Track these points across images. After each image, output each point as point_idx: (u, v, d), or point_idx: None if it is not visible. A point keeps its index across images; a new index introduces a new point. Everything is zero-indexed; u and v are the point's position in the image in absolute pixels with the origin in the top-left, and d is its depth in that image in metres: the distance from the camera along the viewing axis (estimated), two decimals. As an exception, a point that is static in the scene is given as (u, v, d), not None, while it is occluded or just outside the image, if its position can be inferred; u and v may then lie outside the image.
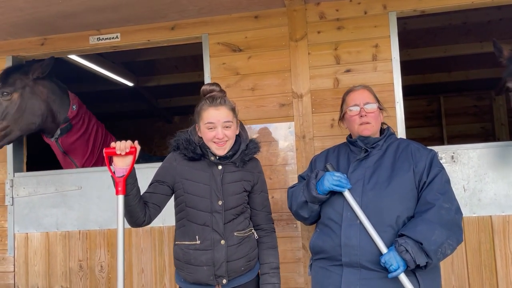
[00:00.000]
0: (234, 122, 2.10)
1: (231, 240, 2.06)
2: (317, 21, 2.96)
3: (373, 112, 2.11)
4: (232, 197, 2.08)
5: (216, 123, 2.04)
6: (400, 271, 1.82)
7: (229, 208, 2.08)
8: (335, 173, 2.01)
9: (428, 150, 2.08)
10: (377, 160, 2.06)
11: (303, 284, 2.83)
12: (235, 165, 2.12)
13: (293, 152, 2.92)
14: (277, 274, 2.15)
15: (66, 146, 3.33)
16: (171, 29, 3.15)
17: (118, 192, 1.92)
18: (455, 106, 7.13)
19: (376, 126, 2.13)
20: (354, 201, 1.96)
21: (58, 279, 3.14)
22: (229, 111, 2.08)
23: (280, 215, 2.90)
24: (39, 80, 3.14)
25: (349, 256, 1.94)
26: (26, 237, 3.19)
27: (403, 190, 1.96)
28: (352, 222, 1.96)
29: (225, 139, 2.05)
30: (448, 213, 1.89)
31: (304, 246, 2.85)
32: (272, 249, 2.18)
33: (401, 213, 1.94)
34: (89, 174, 3.17)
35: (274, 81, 2.98)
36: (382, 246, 1.88)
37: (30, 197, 3.20)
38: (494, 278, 2.65)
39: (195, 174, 2.09)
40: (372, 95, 2.17)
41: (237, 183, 2.10)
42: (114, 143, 1.95)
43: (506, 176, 2.67)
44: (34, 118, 3.11)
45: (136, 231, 3.06)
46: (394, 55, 2.85)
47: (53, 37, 3.28)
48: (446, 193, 1.94)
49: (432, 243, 1.82)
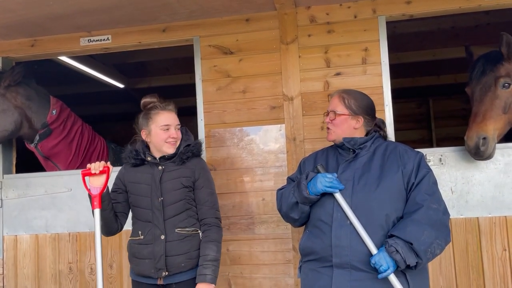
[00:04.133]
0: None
1: (171, 236, 2.24)
2: (308, 24, 2.99)
3: (333, 119, 2.15)
4: (170, 194, 2.27)
5: (171, 125, 2.32)
6: (390, 271, 1.84)
7: (168, 204, 2.26)
8: (327, 174, 2.02)
9: (415, 152, 2.11)
10: (366, 162, 2.09)
11: (293, 286, 2.85)
12: (174, 164, 2.32)
13: (283, 154, 2.94)
14: (210, 266, 2.20)
15: (47, 150, 3.33)
16: (162, 31, 3.16)
17: (94, 206, 2.21)
18: (444, 109, 7.20)
19: (338, 131, 2.15)
20: (344, 202, 1.98)
21: (47, 282, 3.12)
22: (176, 115, 2.38)
23: (270, 216, 2.91)
24: (11, 87, 3.12)
25: (339, 257, 1.95)
26: (15, 239, 3.17)
27: (392, 191, 1.99)
28: (343, 222, 1.97)
29: (177, 139, 2.34)
30: (436, 214, 1.92)
31: (294, 247, 2.87)
32: (210, 242, 2.24)
33: (390, 213, 1.96)
34: (79, 176, 3.12)
35: (265, 83, 3.00)
36: (372, 247, 1.90)
37: (19, 199, 3.18)
38: (481, 278, 2.69)
39: (138, 177, 2.35)
40: (342, 104, 2.15)
41: (175, 180, 2.29)
42: (89, 164, 2.27)
43: (493, 179, 2.72)
44: (7, 125, 3.10)
45: (127, 233, 3.00)
46: (383, 58, 2.89)
47: (43, 39, 3.27)
48: (433, 194, 1.97)
49: (422, 243, 1.84)
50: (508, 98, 2.61)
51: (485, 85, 2.64)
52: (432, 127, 7.24)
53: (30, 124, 3.22)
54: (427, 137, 7.32)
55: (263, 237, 2.92)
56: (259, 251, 2.91)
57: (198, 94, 3.07)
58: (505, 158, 2.72)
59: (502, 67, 2.63)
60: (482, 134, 2.54)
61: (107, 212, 2.28)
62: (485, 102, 2.60)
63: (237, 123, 2.99)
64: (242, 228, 2.95)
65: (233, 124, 2.99)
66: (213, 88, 3.05)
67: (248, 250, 2.92)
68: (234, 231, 2.94)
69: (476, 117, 2.59)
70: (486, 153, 2.56)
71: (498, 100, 2.59)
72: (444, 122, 7.21)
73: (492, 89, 2.61)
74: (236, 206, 2.93)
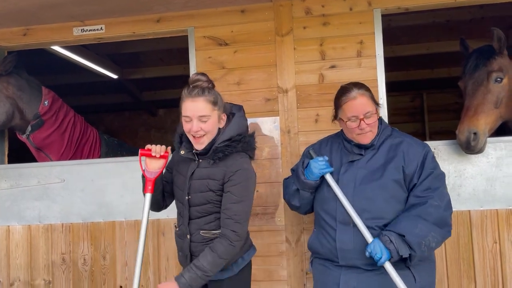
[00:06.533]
0: (213, 115, 2.01)
1: (195, 237, 2.07)
2: (303, 16, 2.98)
3: (374, 121, 2.04)
4: (196, 194, 2.05)
5: (191, 117, 1.98)
6: (384, 259, 1.88)
7: (194, 205, 2.06)
8: (319, 158, 2.08)
9: (421, 147, 2.06)
10: (369, 160, 2.07)
11: (286, 277, 2.87)
12: (208, 161, 2.04)
13: (278, 147, 2.94)
14: (193, 272, 1.95)
15: (39, 141, 3.31)
16: (156, 21, 3.13)
17: (147, 190, 2.08)
18: (437, 103, 7.24)
19: (374, 131, 2.08)
20: (334, 183, 2.03)
21: (40, 272, 3.11)
22: (207, 104, 1.99)
23: (264, 208, 2.92)
24: (2, 77, 3.09)
25: (345, 260, 2.02)
26: (7, 229, 3.16)
27: (392, 192, 2.01)
28: (346, 226, 2.01)
29: (201, 133, 1.99)
30: (437, 211, 1.94)
31: (287, 239, 2.89)
32: (211, 253, 1.98)
33: (389, 214, 1.99)
34: (73, 167, 3.14)
35: (259, 75, 2.99)
36: (368, 236, 1.94)
37: (11, 190, 3.16)
38: (471, 270, 2.73)
39: (180, 166, 2.15)
40: (370, 99, 2.06)
41: (202, 181, 2.04)
42: (150, 145, 2.09)
43: (485, 172, 2.74)
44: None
45: (120, 224, 3.05)
46: (378, 51, 2.89)
47: (36, 28, 3.23)
48: (436, 189, 1.98)
49: (415, 235, 1.88)
50: (500, 93, 2.63)
51: (478, 80, 2.65)
52: (425, 120, 7.28)
53: (22, 115, 3.19)
54: (420, 130, 7.36)
55: (256, 229, 2.92)
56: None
57: (193, 85, 3.05)
58: (497, 152, 2.74)
59: (495, 61, 2.64)
60: (473, 129, 2.55)
61: (155, 195, 2.13)
62: (477, 96, 2.62)
63: (232, 115, 2.99)
64: (236, 220, 2.95)
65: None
66: (208, 79, 3.03)
67: (242, 242, 2.92)
68: (227, 222, 2.95)
69: (468, 111, 2.61)
70: (476, 147, 2.58)
71: (490, 95, 2.61)
72: (438, 115, 7.24)
73: (484, 84, 2.63)
74: (230, 198, 2.94)
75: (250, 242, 2.26)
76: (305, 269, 2.85)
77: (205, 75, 2.07)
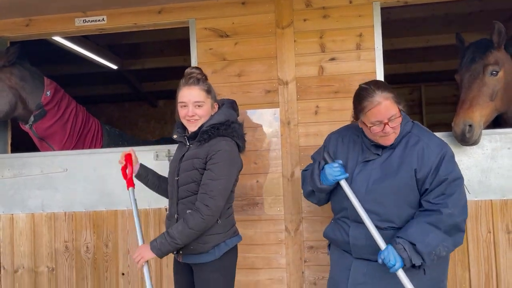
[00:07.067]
0: (207, 102, 2.23)
1: (182, 217, 2.17)
2: (303, 9, 3.01)
3: (398, 123, 1.97)
4: (184, 174, 2.21)
5: (187, 102, 2.20)
6: (397, 266, 1.88)
7: (181, 184, 2.22)
8: (334, 164, 2.05)
9: (438, 149, 1.97)
10: (385, 161, 2.02)
11: (284, 265, 2.94)
12: (196, 143, 2.23)
13: (277, 138, 2.99)
14: (164, 237, 2.12)
15: (42, 131, 3.35)
16: (157, 13, 3.16)
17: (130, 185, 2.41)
18: (435, 95, 7.29)
19: (397, 133, 2.00)
20: (349, 189, 2.01)
21: (43, 260, 3.17)
22: (202, 92, 2.21)
23: (264, 198, 2.98)
24: (6, 68, 3.12)
25: (357, 253, 2.10)
26: (11, 218, 3.21)
27: (404, 196, 1.99)
28: (359, 223, 2.04)
29: (196, 117, 2.21)
30: (450, 218, 1.91)
31: (286, 228, 2.95)
32: (181, 221, 2.12)
33: (400, 218, 2.00)
34: (75, 157, 3.19)
35: (260, 67, 3.03)
36: (381, 242, 1.94)
37: (15, 179, 3.20)
38: (466, 259, 2.80)
39: (175, 153, 2.36)
40: (394, 102, 1.96)
41: (189, 161, 2.21)
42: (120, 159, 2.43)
43: (480, 164, 2.80)
44: (1, 106, 3.12)
45: (122, 213, 3.11)
46: (377, 44, 2.93)
47: (38, 19, 3.25)
48: (451, 195, 1.92)
49: (426, 245, 1.88)
50: (496, 86, 2.67)
51: (474, 73, 2.70)
52: (423, 113, 7.34)
53: (25, 105, 3.23)
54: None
55: (256, 218, 2.99)
56: (252, 232, 2.98)
57: (194, 77, 3.09)
58: (492, 144, 2.79)
59: (491, 55, 2.68)
60: (468, 121, 2.60)
61: (149, 187, 2.45)
62: (473, 89, 2.66)
63: (232, 106, 3.03)
64: (236, 210, 2.98)
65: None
66: (209, 71, 3.05)
67: (242, 231, 2.92)
68: (227, 212, 3.01)
69: (464, 104, 2.66)
70: (471, 139, 2.63)
71: (485, 88, 2.65)
72: (436, 108, 7.29)
73: (480, 77, 2.67)
74: (230, 188, 2.99)
75: (236, 230, 2.35)
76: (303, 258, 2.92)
77: (199, 69, 2.28)
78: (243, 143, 2.30)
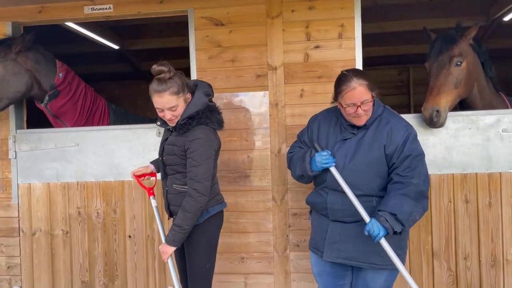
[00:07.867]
0: (179, 102, 2.41)
1: (170, 189, 2.59)
2: (292, 0, 3.31)
3: (369, 107, 2.30)
4: (167, 157, 2.55)
5: (162, 108, 2.42)
6: (381, 235, 2.23)
7: (167, 164, 2.57)
8: (322, 152, 2.39)
9: (404, 130, 2.32)
10: (359, 139, 2.38)
11: (271, 229, 3.35)
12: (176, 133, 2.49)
13: (266, 118, 3.35)
14: (172, 230, 2.44)
15: (55, 110, 3.66)
16: (159, 2, 3.45)
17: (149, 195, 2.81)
18: (423, 77, 7.54)
19: (368, 114, 2.33)
20: (338, 174, 2.36)
21: (59, 224, 3.57)
22: (172, 96, 2.37)
23: (254, 171, 3.36)
24: (22, 52, 3.41)
25: (333, 216, 2.46)
26: (29, 187, 3.59)
27: (376, 168, 2.34)
28: (336, 191, 2.40)
29: (174, 118, 2.44)
30: (417, 187, 2.25)
31: (274, 198, 3.34)
32: (180, 210, 2.44)
33: (375, 187, 2.36)
34: (86, 133, 3.54)
35: (251, 54, 3.35)
36: (365, 215, 2.29)
37: (32, 152, 3.56)
38: (429, 225, 3.20)
39: (163, 132, 2.68)
40: (367, 89, 2.27)
41: (170, 146, 2.52)
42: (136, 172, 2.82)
43: (444, 142, 3.17)
44: (19, 87, 3.40)
45: (129, 183, 3.48)
46: (357, 34, 3.25)
47: (50, 6, 3.54)
48: (415, 168, 2.27)
49: (404, 213, 2.22)
50: (459, 75, 3.02)
51: (441, 63, 3.04)
52: (411, 93, 7.66)
53: (40, 86, 3.53)
54: (406, 102, 7.74)
55: (247, 188, 3.37)
56: (243, 200, 3.38)
57: (192, 62, 3.41)
58: (455, 124, 3.16)
59: (456, 47, 3.02)
60: (436, 107, 2.96)
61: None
62: (440, 77, 3.01)
63: (227, 89, 3.38)
64: (230, 181, 3.39)
65: (223, 90, 3.37)
66: (206, 56, 3.40)
67: (234, 200, 3.38)
68: (222, 183, 3.33)
69: (432, 91, 3.01)
70: (438, 123, 2.99)
71: (451, 77, 3.00)
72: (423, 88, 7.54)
73: (446, 67, 3.01)
74: (224, 162, 3.36)
75: (220, 198, 2.67)
76: (289, 223, 3.32)
77: (166, 65, 2.37)
78: (219, 124, 2.55)
